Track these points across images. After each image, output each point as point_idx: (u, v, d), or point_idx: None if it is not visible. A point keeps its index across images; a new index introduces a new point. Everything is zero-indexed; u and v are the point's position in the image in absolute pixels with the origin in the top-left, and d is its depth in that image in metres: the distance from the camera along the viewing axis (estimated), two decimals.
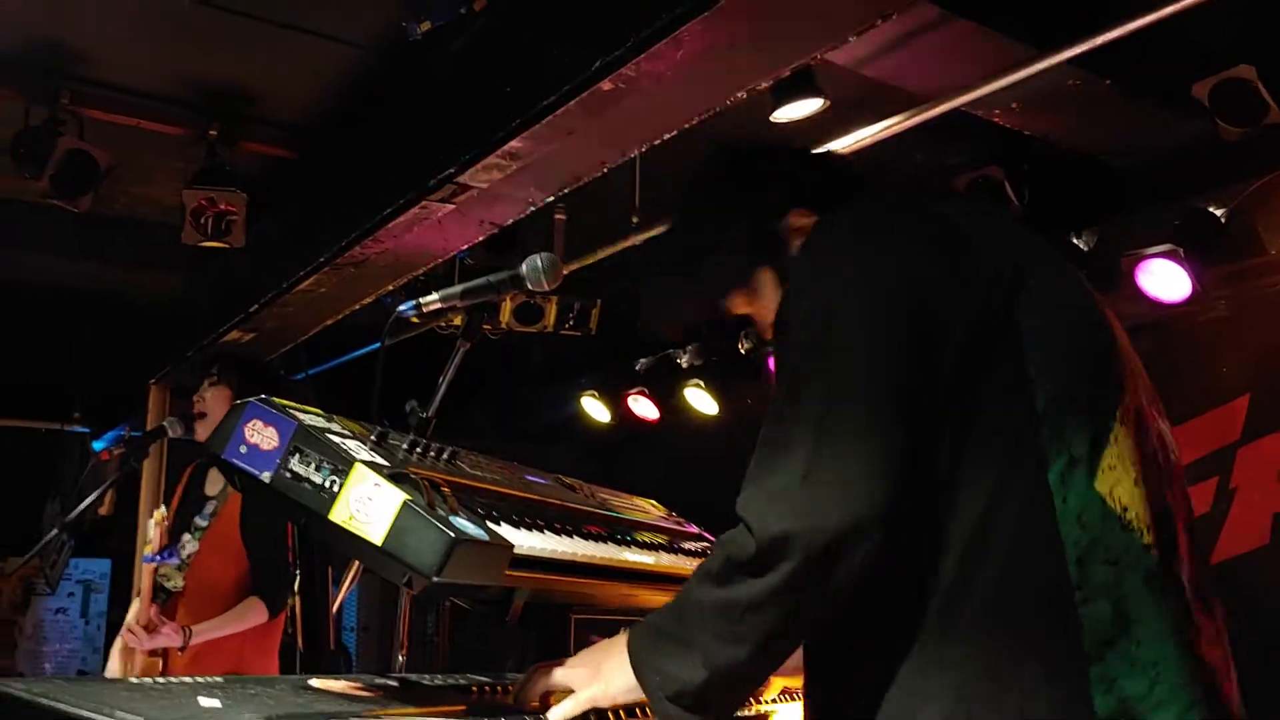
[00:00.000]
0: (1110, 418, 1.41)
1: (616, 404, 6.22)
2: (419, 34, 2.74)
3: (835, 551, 1.28)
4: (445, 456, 1.67)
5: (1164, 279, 3.76)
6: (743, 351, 5.50)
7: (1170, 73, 3.55)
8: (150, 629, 3.35)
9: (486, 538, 1.37)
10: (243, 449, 1.44)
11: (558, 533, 1.64)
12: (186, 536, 3.65)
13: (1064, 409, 1.37)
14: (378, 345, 6.06)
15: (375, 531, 1.33)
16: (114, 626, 7.86)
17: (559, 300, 5.33)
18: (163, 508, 3.39)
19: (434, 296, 2.03)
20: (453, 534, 1.30)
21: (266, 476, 1.42)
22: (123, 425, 6.98)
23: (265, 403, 1.48)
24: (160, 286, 5.77)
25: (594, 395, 6.28)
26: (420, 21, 2.70)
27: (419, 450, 1.61)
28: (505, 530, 1.49)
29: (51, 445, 7.32)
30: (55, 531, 3.40)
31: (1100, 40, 2.90)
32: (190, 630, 3.43)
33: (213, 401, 3.70)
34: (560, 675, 1.48)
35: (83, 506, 3.55)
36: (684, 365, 5.85)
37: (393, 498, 1.34)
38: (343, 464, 1.38)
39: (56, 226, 4.74)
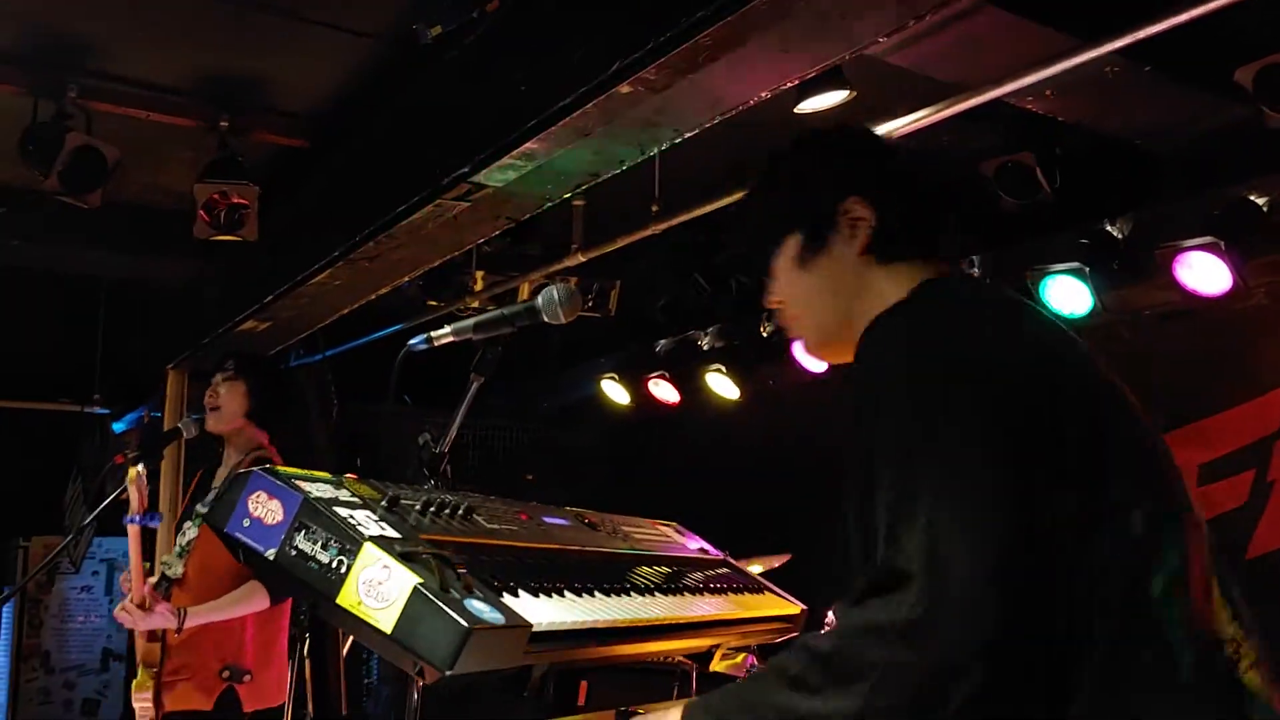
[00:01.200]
0: (1190, 526, 1.37)
1: (636, 387, 6.14)
2: (430, 38, 2.64)
3: (937, 686, 1.21)
4: (460, 513, 1.59)
5: (1203, 272, 3.64)
6: (764, 335, 5.40)
7: (1213, 57, 3.41)
8: (145, 607, 3.23)
9: (503, 621, 1.30)
10: (246, 523, 1.37)
11: (577, 593, 1.57)
12: (188, 524, 3.60)
13: (1158, 527, 1.33)
14: (396, 328, 6.05)
15: (385, 619, 1.26)
16: None
17: (578, 281, 5.26)
18: (140, 466, 3.26)
19: (446, 330, 1.96)
20: (466, 623, 1.23)
21: (271, 554, 1.34)
22: (142, 408, 6.99)
23: (270, 473, 1.40)
24: (176, 274, 5.72)
25: (614, 378, 6.20)
26: (431, 25, 2.60)
27: (432, 510, 1.54)
28: (524, 602, 1.41)
29: (73, 427, 7.32)
30: (71, 536, 3.35)
31: (1145, 34, 2.76)
32: (185, 611, 3.29)
33: (227, 396, 3.65)
34: None
35: (99, 509, 3.52)
36: (705, 348, 5.76)
37: (403, 582, 1.27)
38: (351, 543, 1.31)
39: (72, 215, 4.68)
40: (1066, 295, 4.11)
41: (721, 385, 5.72)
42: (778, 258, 1.67)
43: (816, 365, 5.09)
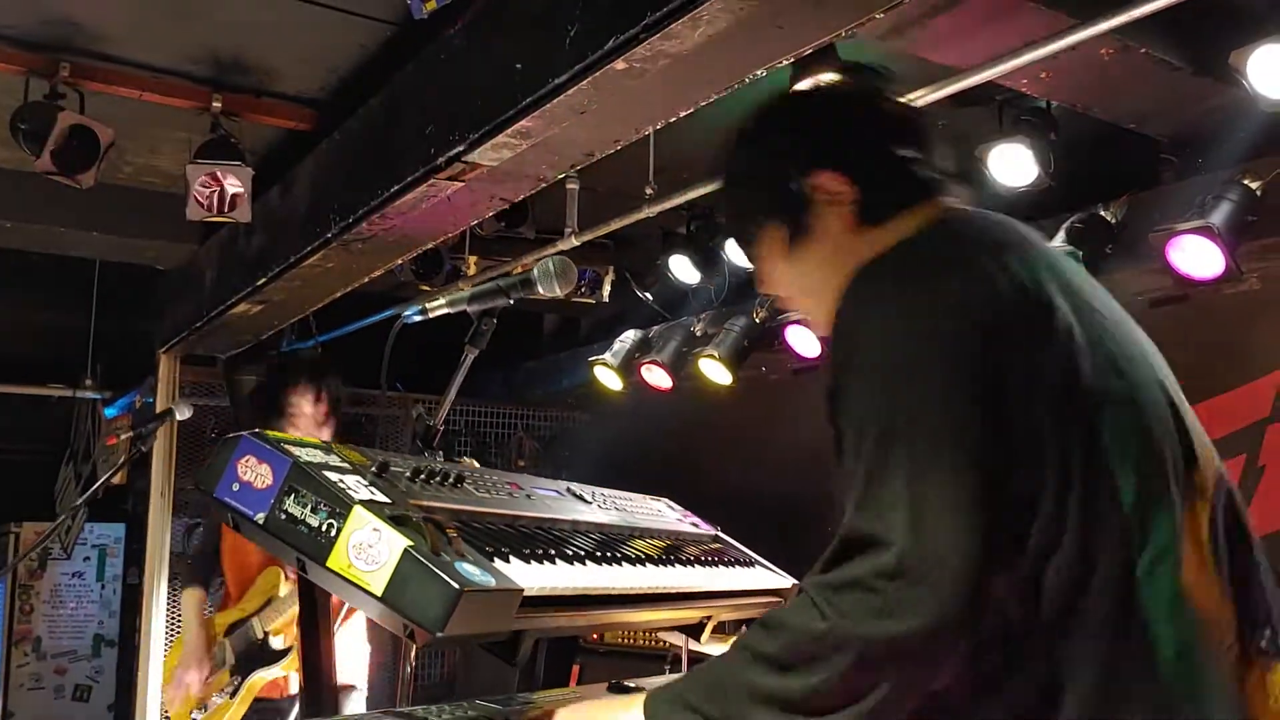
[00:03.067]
0: (1185, 498, 1.33)
1: (629, 372, 6.12)
2: (424, 14, 2.63)
3: (915, 652, 1.18)
4: (451, 481, 1.59)
5: (1196, 256, 3.64)
6: (757, 321, 5.40)
7: (1207, 40, 3.40)
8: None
9: (494, 583, 1.30)
10: (235, 487, 1.37)
11: (569, 560, 1.57)
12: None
13: (1148, 501, 1.29)
14: (388, 314, 6.03)
15: (375, 581, 1.25)
16: (129, 590, 7.89)
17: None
18: None
19: (440, 302, 1.97)
20: (457, 585, 1.23)
21: (260, 518, 1.34)
22: (134, 392, 6.97)
23: (258, 437, 1.40)
24: (168, 256, 5.71)
25: (606, 364, 6.18)
26: (425, 1, 2.59)
27: (422, 477, 1.53)
28: (515, 567, 1.41)
29: (65, 411, 7.31)
30: (63, 517, 3.35)
31: (1139, 13, 2.76)
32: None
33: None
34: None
35: (91, 491, 3.52)
36: (698, 334, 5.75)
37: (393, 544, 1.26)
38: (341, 506, 1.30)
39: (64, 196, 4.67)
40: None
41: (714, 371, 5.70)
42: (764, 250, 1.60)
43: (809, 351, 5.09)
